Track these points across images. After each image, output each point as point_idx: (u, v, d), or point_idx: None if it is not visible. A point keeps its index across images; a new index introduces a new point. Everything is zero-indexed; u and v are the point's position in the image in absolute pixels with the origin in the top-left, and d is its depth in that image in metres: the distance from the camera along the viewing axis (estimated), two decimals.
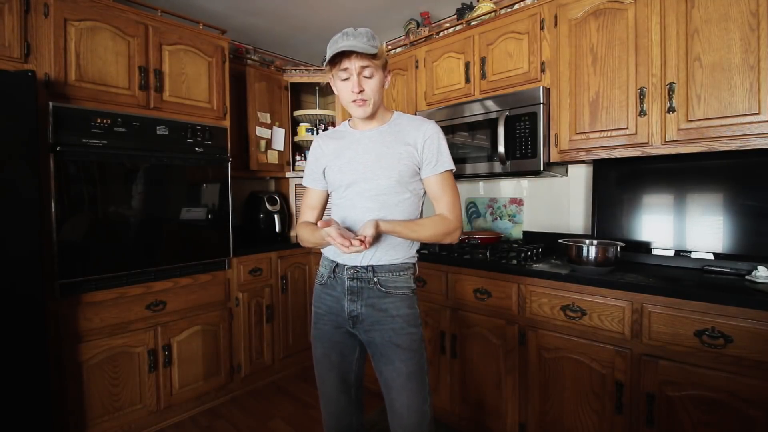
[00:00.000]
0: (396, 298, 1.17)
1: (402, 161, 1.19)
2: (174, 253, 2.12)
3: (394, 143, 1.20)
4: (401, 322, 1.16)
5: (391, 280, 1.18)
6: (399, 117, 1.27)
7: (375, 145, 1.22)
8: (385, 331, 1.16)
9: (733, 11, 1.44)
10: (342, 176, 1.23)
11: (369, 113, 1.19)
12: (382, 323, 1.16)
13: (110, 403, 1.92)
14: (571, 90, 1.85)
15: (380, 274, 1.17)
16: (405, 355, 1.15)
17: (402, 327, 1.16)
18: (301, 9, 2.69)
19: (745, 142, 1.45)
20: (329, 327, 1.26)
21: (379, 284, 1.17)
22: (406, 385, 1.14)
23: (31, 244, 1.58)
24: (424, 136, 1.20)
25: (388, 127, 1.25)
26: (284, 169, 3.07)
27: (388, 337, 1.16)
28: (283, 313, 2.70)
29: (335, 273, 1.22)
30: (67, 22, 1.78)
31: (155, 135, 2.03)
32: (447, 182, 1.22)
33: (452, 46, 2.31)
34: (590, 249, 1.61)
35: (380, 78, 1.18)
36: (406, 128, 1.23)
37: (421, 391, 1.16)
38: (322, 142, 1.33)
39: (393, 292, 1.17)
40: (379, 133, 1.24)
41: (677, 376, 1.36)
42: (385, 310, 1.17)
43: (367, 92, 1.15)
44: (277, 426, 2.14)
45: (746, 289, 1.32)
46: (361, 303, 1.18)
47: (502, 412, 1.81)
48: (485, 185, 2.59)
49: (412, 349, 1.16)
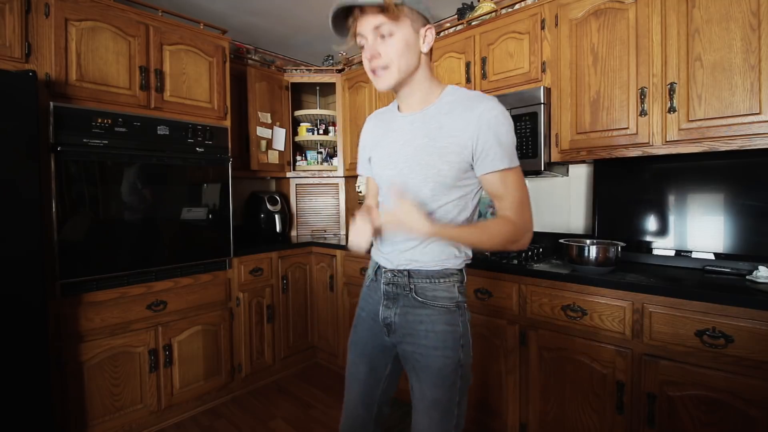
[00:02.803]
0: (434, 310, 0.99)
1: (445, 158, 0.95)
2: (175, 253, 2.12)
3: (438, 132, 0.96)
4: (435, 340, 0.98)
5: (429, 288, 0.99)
6: (451, 93, 0.99)
7: (416, 135, 0.99)
8: (417, 345, 0.99)
9: (734, 11, 1.44)
10: (381, 171, 1.06)
11: (392, 83, 0.95)
12: (415, 337, 1.00)
13: (111, 403, 1.92)
14: (572, 90, 1.85)
15: (416, 280, 1.00)
16: (433, 379, 0.97)
17: (435, 346, 0.97)
18: (301, 9, 2.69)
19: (746, 142, 1.45)
20: (367, 334, 1.11)
21: (414, 292, 1.00)
22: (429, 412, 0.98)
23: (32, 244, 1.59)
24: (478, 122, 0.91)
25: (435, 108, 0.99)
26: (285, 169, 3.07)
27: (419, 354, 0.99)
28: (283, 313, 2.70)
29: (377, 275, 1.08)
30: (67, 22, 1.78)
31: (156, 135, 2.04)
32: (510, 180, 0.95)
33: (453, 46, 2.31)
34: (591, 249, 1.61)
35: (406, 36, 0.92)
36: (456, 109, 0.95)
37: (444, 423, 0.97)
38: (370, 125, 1.15)
39: (430, 303, 0.99)
40: (423, 117, 0.99)
41: (678, 376, 1.36)
42: (420, 322, 0.99)
43: (385, 57, 0.92)
44: (277, 426, 2.14)
45: (747, 289, 1.32)
46: (396, 311, 1.03)
47: (503, 411, 1.81)
48: None
49: (443, 375, 0.97)
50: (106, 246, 1.88)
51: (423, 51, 0.96)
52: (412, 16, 0.93)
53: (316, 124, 3.26)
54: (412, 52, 0.94)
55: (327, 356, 2.83)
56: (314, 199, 3.24)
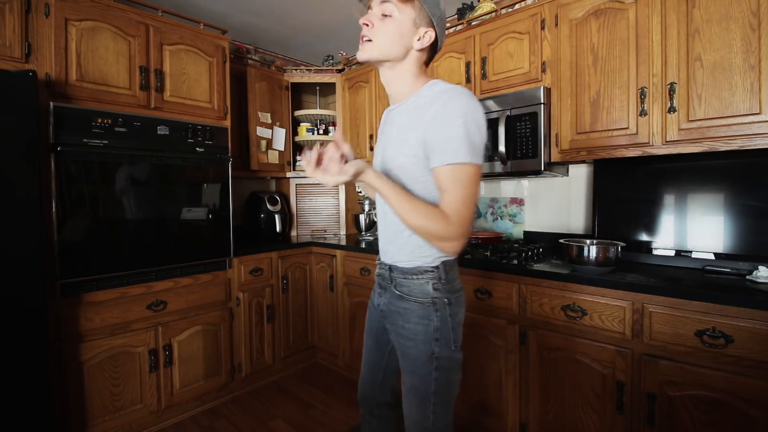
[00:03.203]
0: (409, 304, 1.05)
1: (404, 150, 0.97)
2: (175, 252, 2.12)
3: (406, 125, 0.99)
4: (408, 332, 1.05)
5: (404, 283, 1.06)
6: (429, 87, 0.99)
7: (392, 127, 1.05)
8: (396, 334, 1.08)
9: (734, 11, 1.44)
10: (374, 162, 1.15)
11: (368, 57, 0.98)
12: (395, 326, 1.09)
13: (111, 403, 1.92)
14: (572, 90, 1.85)
15: (396, 275, 1.08)
16: (409, 366, 1.06)
17: (408, 337, 1.04)
18: (301, 9, 2.69)
19: (746, 142, 1.45)
20: (374, 313, 1.21)
21: (394, 286, 1.09)
22: (408, 396, 1.06)
23: (32, 244, 1.59)
24: (433, 116, 0.92)
25: (412, 101, 1.01)
26: (285, 169, 3.07)
27: (398, 342, 1.09)
28: (283, 313, 2.70)
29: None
30: (67, 22, 1.78)
31: (156, 135, 2.04)
32: (454, 175, 0.91)
33: (453, 46, 2.31)
34: (591, 249, 1.61)
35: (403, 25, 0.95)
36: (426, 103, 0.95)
37: (421, 408, 1.04)
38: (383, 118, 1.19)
39: (406, 296, 1.06)
40: (403, 109, 1.03)
41: (678, 376, 1.36)
42: (399, 314, 1.07)
43: (374, 31, 0.96)
44: (277, 426, 2.14)
45: (747, 289, 1.32)
46: (384, 299, 1.13)
47: (503, 411, 1.81)
48: (486, 185, 2.59)
49: (416, 365, 1.03)
50: (106, 246, 1.88)
51: (415, 47, 0.99)
52: (419, 12, 0.96)
53: (316, 124, 3.26)
54: (401, 41, 0.96)
55: (327, 356, 2.83)
56: (314, 199, 3.24)
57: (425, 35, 0.98)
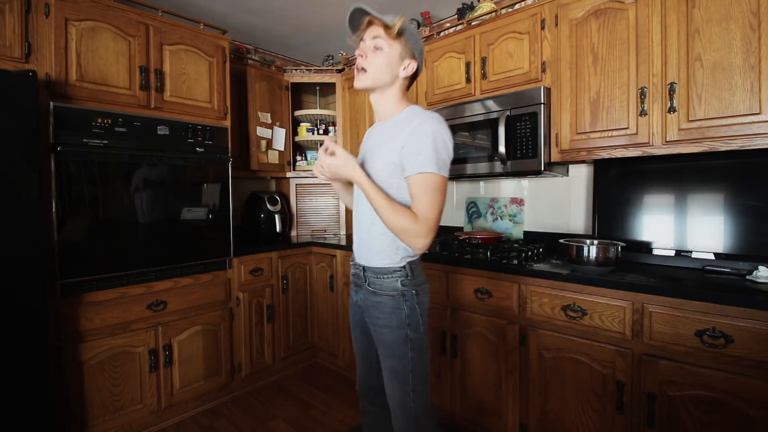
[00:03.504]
0: (382, 297, 1.20)
1: (382, 159, 1.15)
2: (175, 253, 2.12)
3: (386, 139, 1.16)
4: (384, 320, 1.20)
5: (377, 282, 1.21)
6: (410, 111, 1.18)
7: (375, 142, 1.22)
8: (374, 324, 1.23)
9: (734, 11, 1.44)
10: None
11: (363, 86, 1.17)
12: (372, 317, 1.23)
13: (111, 403, 1.92)
14: (572, 90, 1.85)
15: (368, 274, 1.23)
16: (387, 351, 1.21)
17: (384, 325, 1.20)
18: (301, 9, 2.69)
19: (746, 142, 1.45)
20: (355, 308, 1.34)
21: (368, 283, 1.24)
22: (390, 378, 1.21)
23: (32, 244, 1.59)
24: (408, 134, 1.10)
25: (393, 120, 1.19)
26: (285, 169, 3.07)
27: (375, 331, 1.23)
28: (283, 313, 2.70)
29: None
30: (67, 22, 1.78)
31: (156, 135, 2.04)
32: (425, 183, 1.07)
33: (453, 46, 2.31)
34: (591, 249, 1.61)
35: (391, 57, 1.13)
36: (406, 123, 1.14)
37: (402, 386, 1.19)
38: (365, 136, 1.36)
39: (379, 291, 1.21)
40: (389, 126, 1.19)
41: (678, 376, 1.36)
42: (374, 306, 1.22)
43: (368, 61, 1.13)
44: (277, 426, 2.14)
45: (747, 289, 1.32)
46: (360, 295, 1.27)
47: (503, 412, 1.81)
48: (486, 185, 2.59)
49: (393, 348, 1.19)
50: (106, 246, 1.88)
51: (400, 76, 1.18)
52: (404, 46, 1.15)
53: (316, 124, 3.26)
54: (389, 70, 1.15)
55: (327, 356, 2.83)
56: (314, 199, 3.24)
57: (409, 66, 1.17)
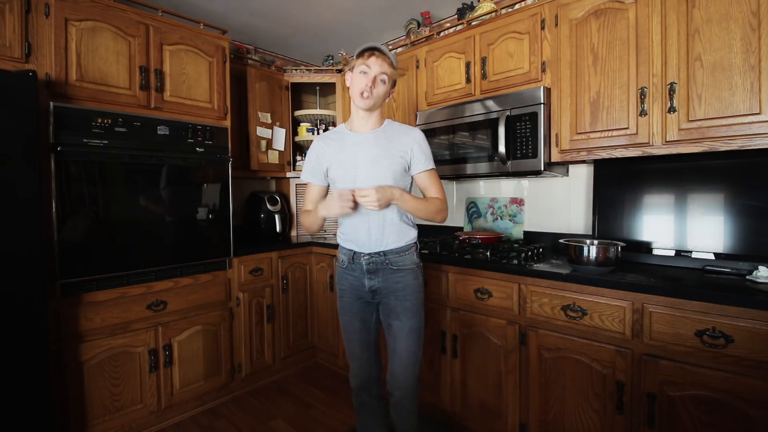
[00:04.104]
0: (404, 272, 1.48)
1: (396, 161, 1.45)
2: (175, 253, 2.12)
3: (389, 146, 1.46)
4: (409, 291, 1.48)
5: (399, 260, 1.48)
6: (390, 124, 1.54)
7: (372, 147, 1.47)
8: (398, 297, 1.48)
9: (734, 11, 1.44)
10: (345, 173, 1.47)
11: (368, 107, 1.43)
12: (396, 291, 1.48)
13: (111, 403, 1.92)
14: (572, 90, 1.85)
15: (390, 256, 1.47)
16: (410, 314, 1.48)
17: (409, 294, 1.48)
18: (301, 9, 2.69)
19: (746, 142, 1.45)
20: (352, 299, 1.54)
21: (390, 264, 1.47)
22: (408, 336, 1.48)
23: (32, 244, 1.59)
24: (414, 141, 1.48)
25: (382, 131, 1.50)
26: (285, 169, 3.07)
27: (401, 302, 1.48)
28: (283, 312, 2.70)
29: (354, 259, 1.50)
30: (67, 22, 1.78)
31: (156, 135, 2.04)
32: (434, 176, 1.53)
33: (453, 46, 2.31)
34: (591, 249, 1.61)
35: (387, 90, 1.46)
36: (397, 133, 1.50)
37: (417, 341, 1.50)
38: (323, 142, 1.55)
39: (402, 268, 1.48)
40: (375, 136, 1.49)
41: (678, 376, 1.36)
42: (397, 282, 1.48)
43: (374, 92, 1.42)
44: (277, 426, 2.14)
45: (747, 289, 1.32)
46: (379, 279, 1.48)
47: (503, 412, 1.81)
48: (486, 185, 2.59)
49: (415, 311, 1.49)
50: (106, 246, 1.88)
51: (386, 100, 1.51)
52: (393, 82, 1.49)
53: (316, 124, 3.26)
54: (383, 98, 1.47)
55: (327, 356, 2.83)
56: None
57: (392, 94, 1.53)
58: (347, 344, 1.57)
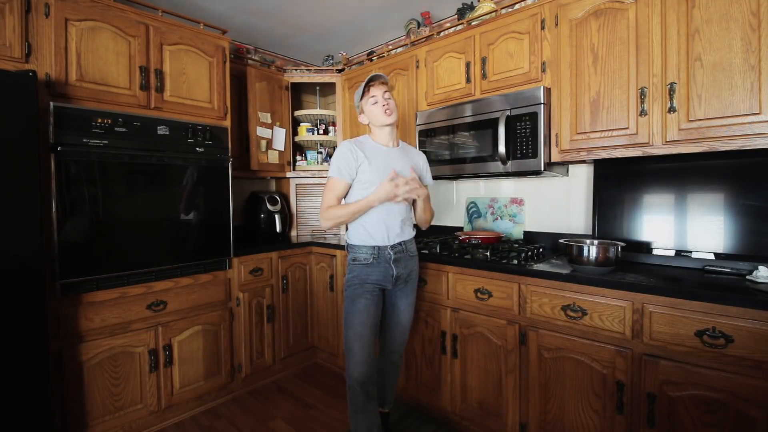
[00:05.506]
0: (414, 258, 1.80)
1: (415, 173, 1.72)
2: (175, 253, 2.12)
3: (410, 161, 1.79)
4: (414, 273, 1.80)
5: (412, 247, 1.80)
6: (404, 144, 1.87)
7: (400, 159, 1.76)
8: (410, 279, 1.78)
9: (734, 11, 1.44)
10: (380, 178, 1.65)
11: (395, 119, 1.71)
12: (409, 275, 1.77)
13: (111, 403, 1.92)
14: (572, 90, 1.85)
15: (407, 244, 1.76)
16: (412, 291, 1.81)
17: (414, 275, 1.81)
18: (301, 9, 2.69)
19: (746, 142, 1.45)
20: (376, 288, 1.70)
21: (408, 252, 1.76)
22: (411, 308, 1.82)
23: (32, 244, 1.59)
24: (423, 160, 1.91)
25: (402, 149, 1.82)
26: (285, 169, 3.07)
27: (410, 283, 1.79)
28: (283, 313, 2.70)
29: (379, 253, 1.68)
30: (68, 22, 1.78)
31: (156, 135, 2.04)
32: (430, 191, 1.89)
33: (453, 46, 2.31)
34: (591, 249, 1.61)
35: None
36: (412, 153, 1.87)
37: (413, 313, 1.85)
38: (356, 146, 1.70)
39: (413, 254, 1.80)
40: (399, 151, 1.79)
41: (678, 376, 1.36)
42: (412, 267, 1.78)
43: (391, 104, 1.70)
44: (277, 426, 2.14)
45: (747, 289, 1.32)
46: (401, 266, 1.72)
47: (503, 412, 1.81)
48: (486, 185, 2.59)
49: (414, 288, 1.82)
50: (106, 246, 1.88)
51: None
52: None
53: (316, 124, 3.26)
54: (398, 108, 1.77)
55: (327, 356, 2.83)
56: (314, 199, 3.24)
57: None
58: (362, 331, 1.65)
